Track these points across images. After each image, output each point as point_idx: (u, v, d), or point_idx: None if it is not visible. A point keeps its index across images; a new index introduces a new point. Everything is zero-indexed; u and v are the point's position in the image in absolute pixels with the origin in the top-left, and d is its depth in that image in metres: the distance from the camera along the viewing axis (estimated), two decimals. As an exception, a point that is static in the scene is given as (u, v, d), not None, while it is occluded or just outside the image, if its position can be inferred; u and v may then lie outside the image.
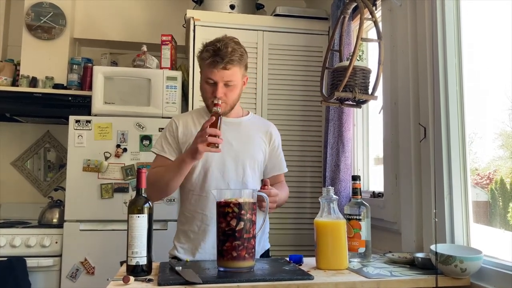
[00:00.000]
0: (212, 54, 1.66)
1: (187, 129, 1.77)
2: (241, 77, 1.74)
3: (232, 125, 1.78)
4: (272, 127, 1.89)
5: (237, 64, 1.68)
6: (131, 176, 2.68)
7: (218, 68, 1.65)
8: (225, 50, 1.65)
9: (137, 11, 3.45)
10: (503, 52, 1.64)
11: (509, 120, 1.70)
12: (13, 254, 2.58)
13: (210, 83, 1.69)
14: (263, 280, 1.28)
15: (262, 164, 1.83)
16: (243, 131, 1.80)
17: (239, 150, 1.75)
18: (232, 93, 1.71)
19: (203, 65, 1.72)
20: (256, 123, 1.88)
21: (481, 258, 1.39)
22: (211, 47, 1.68)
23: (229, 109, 1.75)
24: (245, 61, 1.74)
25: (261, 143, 1.82)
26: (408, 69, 1.93)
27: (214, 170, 1.72)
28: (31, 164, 3.39)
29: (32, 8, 3.12)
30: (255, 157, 1.78)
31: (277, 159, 1.87)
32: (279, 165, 1.88)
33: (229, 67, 1.66)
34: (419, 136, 1.84)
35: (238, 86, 1.73)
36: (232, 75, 1.68)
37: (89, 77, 3.09)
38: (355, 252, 1.59)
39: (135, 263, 1.31)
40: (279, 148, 1.89)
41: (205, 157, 1.66)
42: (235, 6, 2.97)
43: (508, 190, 1.75)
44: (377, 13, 2.23)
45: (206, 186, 1.71)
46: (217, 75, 1.66)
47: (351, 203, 1.67)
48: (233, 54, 1.66)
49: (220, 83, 1.67)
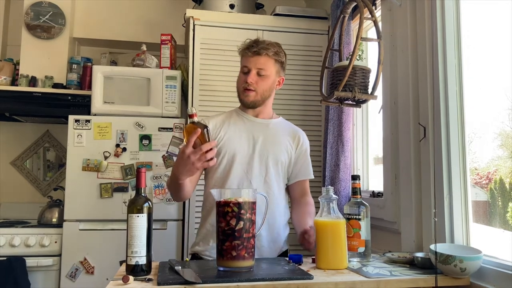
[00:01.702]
0: (250, 42, 1.81)
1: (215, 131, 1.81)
2: (275, 72, 1.83)
3: (261, 125, 1.85)
4: (301, 133, 1.93)
5: (272, 56, 1.79)
6: (130, 175, 2.68)
7: (252, 52, 1.77)
8: (263, 41, 1.80)
9: (136, 10, 3.45)
10: (503, 52, 1.64)
11: (508, 120, 1.70)
12: (12, 254, 2.58)
13: (245, 72, 1.80)
14: (263, 279, 1.28)
15: (286, 167, 1.85)
16: (270, 132, 1.85)
17: (263, 149, 1.80)
18: (264, 83, 1.80)
19: (241, 56, 1.84)
20: (285, 127, 1.92)
21: (480, 257, 1.39)
22: (251, 39, 1.83)
23: (259, 99, 1.81)
24: (280, 59, 1.83)
25: (287, 146, 1.85)
26: (407, 68, 1.93)
27: (237, 167, 1.76)
28: (30, 164, 3.39)
29: (32, 8, 3.11)
30: (278, 157, 1.81)
31: (304, 164, 1.89)
32: (305, 171, 1.89)
33: (262, 52, 1.76)
34: (419, 135, 1.84)
35: (271, 78, 1.81)
36: (265, 63, 1.78)
37: (88, 76, 3.09)
38: (354, 252, 1.59)
39: (135, 263, 1.31)
40: (307, 153, 1.91)
41: (229, 154, 1.74)
42: (235, 5, 2.97)
43: (507, 190, 1.75)
44: (376, 12, 2.23)
45: (228, 182, 1.75)
46: (251, 61, 1.78)
47: (350, 202, 1.67)
48: (269, 46, 1.79)
49: (253, 70, 1.77)
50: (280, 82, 1.89)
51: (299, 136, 1.90)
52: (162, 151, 2.73)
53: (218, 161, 1.76)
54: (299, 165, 1.88)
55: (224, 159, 1.77)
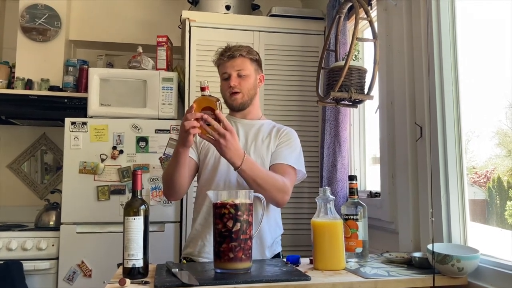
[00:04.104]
0: (222, 50, 1.87)
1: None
2: (254, 70, 1.86)
3: (247, 126, 1.87)
4: (285, 128, 1.89)
5: (246, 55, 1.84)
6: (127, 178, 2.68)
7: (226, 57, 1.82)
8: (233, 46, 1.86)
9: (132, 12, 3.45)
10: (499, 51, 1.65)
11: (506, 119, 1.70)
12: (9, 257, 2.57)
13: (225, 78, 1.84)
14: (260, 281, 1.27)
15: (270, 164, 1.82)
16: (255, 131, 1.86)
17: (246, 148, 1.80)
18: (246, 83, 1.83)
19: (218, 66, 1.89)
20: (270, 127, 1.90)
21: (478, 257, 1.39)
22: (221, 48, 1.88)
23: (247, 99, 1.84)
24: (255, 57, 1.87)
25: (270, 144, 1.83)
26: (403, 68, 1.93)
27: (222, 168, 1.77)
28: (27, 167, 3.38)
29: (27, 10, 3.11)
30: (262, 155, 1.80)
31: (282, 149, 1.81)
32: (280, 154, 1.79)
33: (236, 54, 1.82)
34: (416, 135, 1.84)
35: (251, 77, 1.85)
36: (241, 64, 1.82)
37: (84, 79, 3.08)
38: (352, 252, 1.59)
39: (132, 266, 1.31)
40: (290, 143, 1.83)
41: (216, 154, 1.72)
42: (231, 6, 2.96)
43: (505, 188, 1.75)
44: (372, 12, 2.23)
45: (216, 180, 1.77)
46: (228, 65, 1.82)
47: (348, 203, 1.66)
48: (240, 47, 1.85)
49: (233, 73, 1.82)
50: (261, 80, 1.92)
51: (282, 130, 1.86)
52: (159, 153, 2.72)
53: (206, 161, 1.81)
54: (278, 150, 1.81)
55: (211, 159, 1.80)
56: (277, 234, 1.86)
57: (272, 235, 1.82)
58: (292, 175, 1.78)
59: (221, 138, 1.52)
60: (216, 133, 1.52)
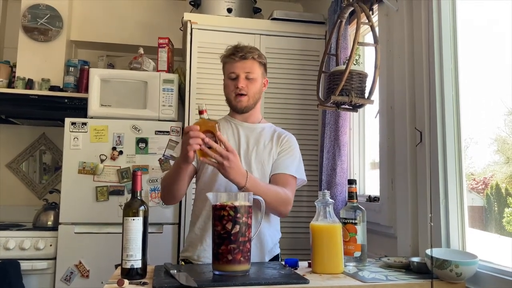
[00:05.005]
0: (233, 49, 1.83)
1: None
2: (261, 74, 1.85)
3: (248, 129, 1.86)
4: (286, 134, 1.89)
5: (257, 59, 1.82)
6: (126, 178, 2.68)
7: (238, 57, 1.79)
8: (244, 46, 1.84)
9: (134, 13, 3.45)
10: (499, 57, 1.65)
11: (504, 125, 1.70)
12: (7, 257, 2.57)
13: (232, 78, 1.81)
14: (259, 283, 1.27)
15: (270, 169, 1.82)
16: (256, 135, 1.85)
17: (247, 152, 1.80)
18: (253, 86, 1.82)
19: (225, 63, 1.86)
20: (271, 131, 1.90)
21: (476, 262, 1.39)
22: (232, 46, 1.85)
23: (251, 102, 1.83)
24: (263, 61, 1.87)
25: (271, 148, 1.83)
26: (404, 73, 1.93)
27: None
28: (26, 167, 3.38)
29: (29, 10, 3.11)
30: (262, 159, 1.80)
31: (284, 158, 1.82)
32: (283, 164, 1.80)
33: (248, 56, 1.80)
34: (415, 140, 1.84)
35: (258, 81, 1.84)
36: (251, 66, 1.81)
37: (85, 79, 3.08)
38: (350, 256, 1.59)
39: (130, 266, 1.31)
40: (291, 150, 1.84)
41: None
42: (232, 9, 2.97)
43: (503, 195, 1.75)
44: (373, 17, 2.24)
45: (216, 185, 1.76)
46: (238, 66, 1.80)
47: (347, 207, 1.66)
48: (252, 49, 1.83)
49: (242, 75, 1.80)
50: (265, 84, 1.91)
51: (283, 137, 1.87)
52: (159, 155, 2.72)
53: (205, 165, 1.77)
54: (279, 160, 1.82)
55: None
56: (276, 238, 1.88)
57: (272, 239, 1.83)
58: (293, 185, 1.82)
59: (225, 160, 1.53)
60: (219, 155, 1.52)
